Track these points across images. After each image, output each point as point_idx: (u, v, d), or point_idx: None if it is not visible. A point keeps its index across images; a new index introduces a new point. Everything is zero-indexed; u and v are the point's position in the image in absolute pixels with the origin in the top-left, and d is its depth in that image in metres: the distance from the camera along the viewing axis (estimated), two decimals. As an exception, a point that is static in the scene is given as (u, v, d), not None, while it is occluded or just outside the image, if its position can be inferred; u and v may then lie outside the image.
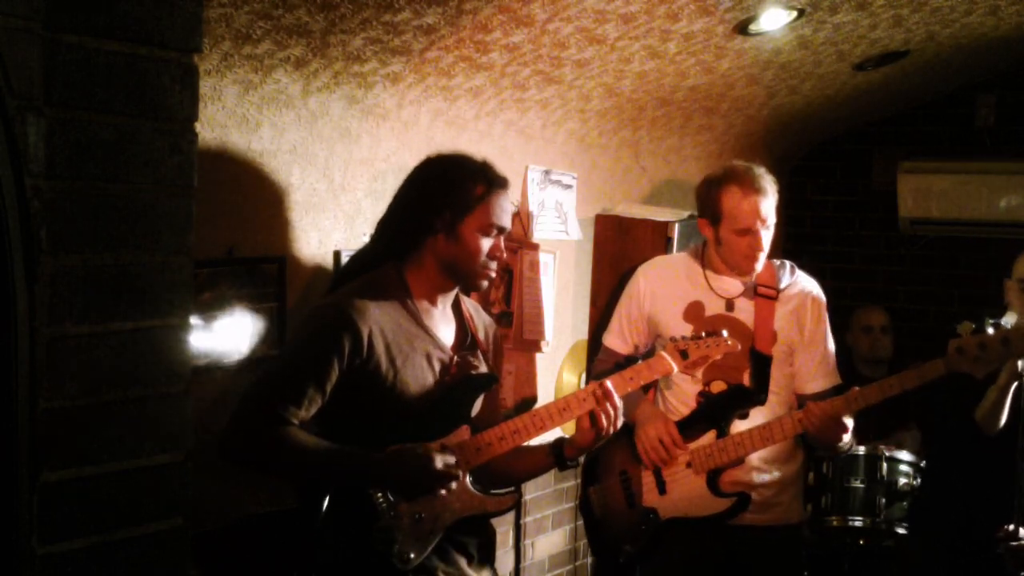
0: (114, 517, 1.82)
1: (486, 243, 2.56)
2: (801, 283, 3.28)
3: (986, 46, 4.74)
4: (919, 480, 3.99)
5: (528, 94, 3.78)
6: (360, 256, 2.69)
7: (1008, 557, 3.24)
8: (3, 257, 1.65)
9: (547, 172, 4.25)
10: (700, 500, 3.12)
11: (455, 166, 2.62)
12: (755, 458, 3.14)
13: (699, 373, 3.13)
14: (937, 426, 3.55)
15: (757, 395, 3.15)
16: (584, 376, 4.24)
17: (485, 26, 3.13)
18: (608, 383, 2.61)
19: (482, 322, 2.75)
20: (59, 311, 1.72)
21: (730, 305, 3.20)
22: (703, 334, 2.86)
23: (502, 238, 2.61)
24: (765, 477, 3.18)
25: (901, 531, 3.93)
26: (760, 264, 3.19)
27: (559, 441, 2.67)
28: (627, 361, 3.27)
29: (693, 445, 3.12)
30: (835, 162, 6.05)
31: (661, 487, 3.17)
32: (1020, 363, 3.21)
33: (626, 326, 3.32)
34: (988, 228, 5.47)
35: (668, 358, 2.76)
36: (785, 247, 5.79)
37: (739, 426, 3.13)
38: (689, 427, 3.13)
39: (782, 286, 3.23)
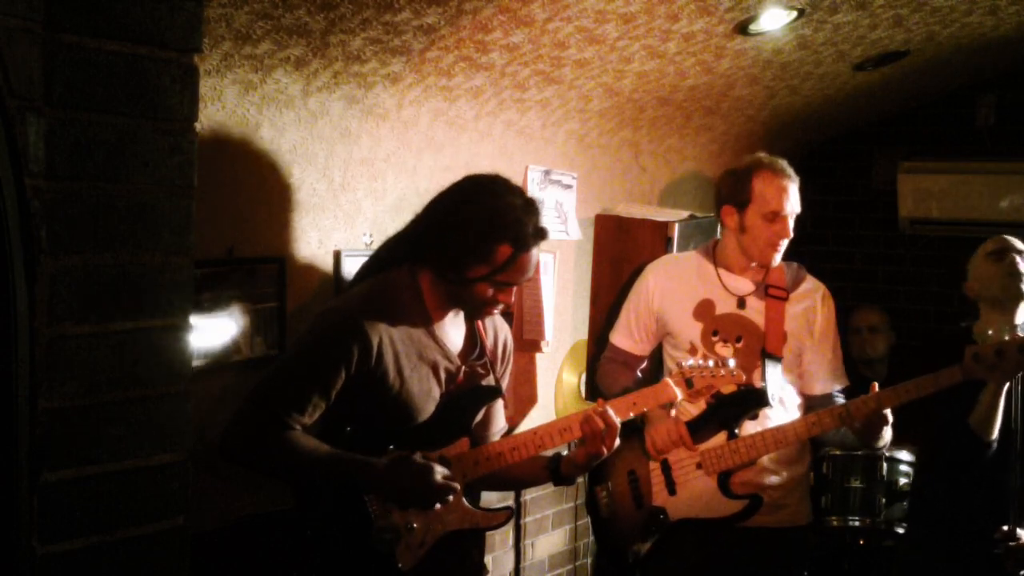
0: (114, 517, 1.82)
1: (497, 292, 2.48)
2: (811, 284, 3.28)
3: (986, 46, 4.74)
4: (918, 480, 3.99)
5: (528, 94, 3.78)
6: (377, 259, 2.63)
7: (1007, 557, 3.24)
8: (3, 257, 1.65)
9: (547, 172, 4.25)
10: (711, 501, 3.10)
11: (493, 215, 2.44)
12: (765, 459, 3.12)
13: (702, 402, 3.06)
14: (936, 429, 3.53)
15: (767, 396, 3.13)
16: (585, 375, 4.23)
17: (485, 26, 3.13)
18: (609, 408, 2.59)
19: (493, 326, 2.71)
20: (59, 311, 1.73)
21: (742, 303, 3.19)
22: (710, 363, 2.80)
23: (515, 288, 2.53)
24: (775, 479, 3.17)
25: (901, 531, 3.93)
26: (780, 255, 3.19)
27: (557, 457, 2.67)
28: (634, 385, 3.25)
29: (704, 446, 3.09)
30: (835, 162, 6.04)
31: (671, 487, 3.14)
32: None
33: (634, 324, 3.31)
34: (988, 228, 5.42)
35: (673, 386, 2.75)
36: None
37: (749, 427, 3.11)
38: (699, 428, 3.10)
39: (792, 287, 3.23)
